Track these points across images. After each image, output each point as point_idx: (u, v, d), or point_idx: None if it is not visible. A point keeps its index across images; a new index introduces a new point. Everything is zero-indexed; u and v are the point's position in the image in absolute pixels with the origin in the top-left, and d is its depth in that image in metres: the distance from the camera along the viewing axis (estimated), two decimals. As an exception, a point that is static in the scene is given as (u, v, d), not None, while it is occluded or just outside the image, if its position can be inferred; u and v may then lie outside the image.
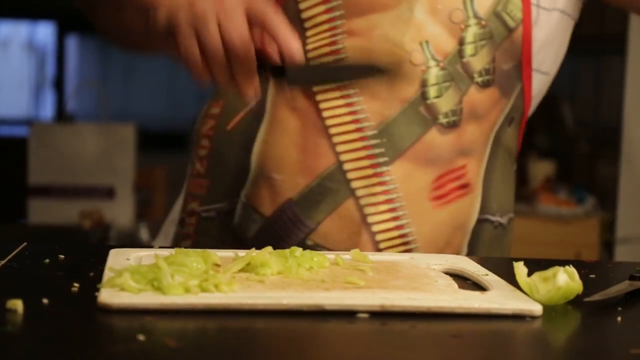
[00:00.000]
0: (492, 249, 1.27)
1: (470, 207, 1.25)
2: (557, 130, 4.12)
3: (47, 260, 1.00)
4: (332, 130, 1.20)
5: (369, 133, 1.19)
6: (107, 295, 0.82)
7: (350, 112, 1.20)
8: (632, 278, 0.96)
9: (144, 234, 3.52)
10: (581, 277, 0.89)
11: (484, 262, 1.03)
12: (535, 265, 1.13)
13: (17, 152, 4.29)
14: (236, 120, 1.24)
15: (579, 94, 4.02)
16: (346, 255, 1.02)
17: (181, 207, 1.30)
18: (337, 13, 1.19)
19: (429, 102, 1.20)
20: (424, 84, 1.20)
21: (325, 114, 1.20)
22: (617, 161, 3.45)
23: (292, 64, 1.03)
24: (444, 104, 1.21)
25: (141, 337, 0.73)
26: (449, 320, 0.83)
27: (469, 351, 0.77)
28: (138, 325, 0.78)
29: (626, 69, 3.41)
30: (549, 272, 0.90)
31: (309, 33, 1.21)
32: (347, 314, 0.82)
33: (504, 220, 1.31)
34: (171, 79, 6.95)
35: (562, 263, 1.19)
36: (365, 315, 0.82)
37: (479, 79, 1.22)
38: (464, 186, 1.24)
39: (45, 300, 0.82)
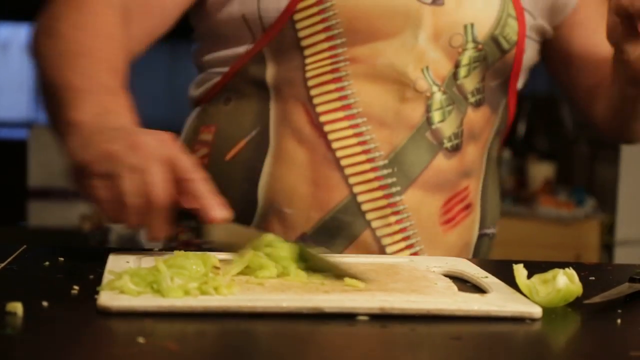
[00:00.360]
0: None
1: (472, 226, 1.26)
2: (557, 132, 4.12)
3: (46, 263, 1.00)
4: (343, 162, 1.18)
5: (380, 163, 1.19)
6: (107, 298, 0.82)
7: (360, 142, 1.18)
8: (631, 280, 0.96)
9: (143, 237, 3.51)
10: (581, 279, 0.89)
11: (484, 265, 1.03)
12: (535, 268, 1.13)
13: (17, 155, 4.30)
14: (235, 151, 1.22)
15: (579, 96, 4.02)
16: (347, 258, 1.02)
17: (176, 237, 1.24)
18: (338, 41, 1.18)
19: (434, 127, 1.20)
20: (428, 109, 1.20)
21: (334, 145, 1.18)
22: (617, 163, 3.45)
23: (212, 225, 0.96)
24: (447, 127, 1.21)
25: (141, 340, 0.73)
26: (449, 322, 0.83)
27: (468, 354, 0.77)
28: (138, 327, 0.78)
29: (626, 71, 3.39)
30: (548, 275, 0.90)
31: (308, 60, 1.19)
32: (347, 317, 0.82)
33: (493, 230, 1.33)
34: (171, 82, 6.95)
35: (562, 265, 1.20)
36: (365, 318, 0.82)
37: (472, 99, 1.23)
38: (468, 207, 1.25)
39: (45, 303, 0.82)
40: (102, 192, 0.95)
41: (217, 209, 0.95)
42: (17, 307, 0.79)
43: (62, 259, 1.02)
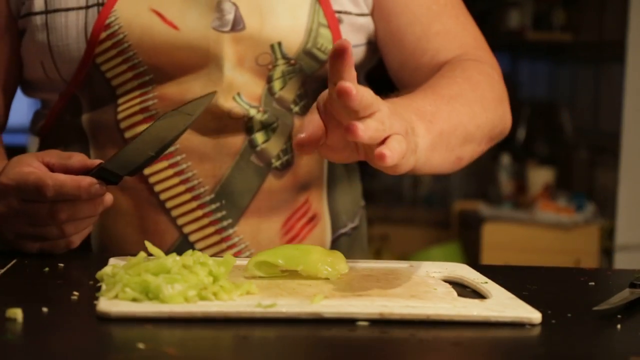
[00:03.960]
0: (351, 252, 1.26)
1: (322, 235, 1.23)
2: (557, 137, 4.12)
3: (46, 269, 1.00)
4: (169, 204, 1.16)
5: (207, 198, 1.17)
6: (107, 304, 0.82)
7: (182, 181, 1.16)
8: (632, 286, 0.96)
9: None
10: (581, 284, 0.89)
11: (484, 270, 1.03)
12: (535, 273, 1.13)
13: (17, 161, 4.28)
14: None
15: (578, 101, 4.02)
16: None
17: None
18: (147, 78, 1.16)
19: (258, 149, 1.18)
20: (249, 133, 1.17)
21: (156, 188, 1.16)
22: (617, 168, 3.45)
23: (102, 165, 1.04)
24: (274, 146, 1.18)
25: (141, 346, 0.73)
26: (449, 328, 0.83)
27: (468, 359, 0.77)
28: (137, 333, 0.78)
29: (625, 76, 3.41)
30: None
31: (120, 100, 1.17)
32: (347, 322, 0.82)
33: (355, 222, 1.29)
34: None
35: (562, 271, 1.20)
36: (365, 324, 0.82)
37: (296, 108, 1.20)
38: (312, 218, 1.22)
39: (44, 309, 0.82)
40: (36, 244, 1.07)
41: (93, 161, 1.05)
42: (17, 313, 0.79)
43: (61, 265, 1.02)
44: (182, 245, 1.16)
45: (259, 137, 1.18)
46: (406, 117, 0.95)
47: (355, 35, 1.22)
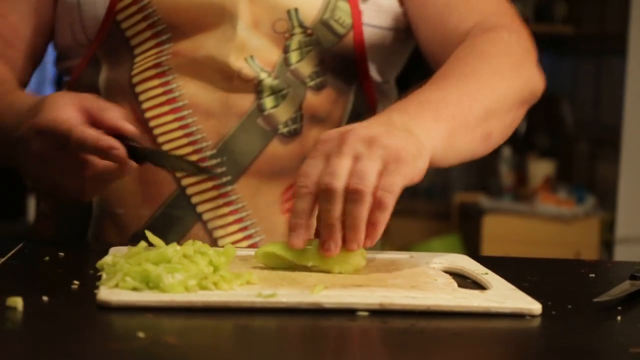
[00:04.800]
0: None
1: None
2: (557, 129, 4.12)
3: (47, 258, 1.00)
4: None
5: (208, 153, 1.17)
6: (107, 293, 0.82)
7: (186, 134, 1.17)
8: (632, 278, 0.96)
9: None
10: (581, 276, 0.89)
11: (484, 261, 1.03)
12: (535, 265, 1.13)
13: (17, 150, 4.29)
14: None
15: (579, 93, 4.02)
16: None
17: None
18: (164, 37, 1.18)
19: (266, 113, 1.18)
20: (259, 96, 1.18)
21: (160, 139, 1.17)
22: (617, 161, 3.45)
23: (129, 136, 1.02)
24: (282, 113, 1.19)
25: (141, 335, 0.73)
26: (449, 319, 0.83)
27: (468, 350, 0.77)
28: (138, 322, 0.78)
29: (626, 68, 3.41)
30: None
31: (137, 59, 1.19)
32: (347, 312, 0.82)
33: None
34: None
35: (562, 263, 1.20)
36: (365, 314, 0.82)
37: (311, 83, 1.20)
38: None
39: (45, 298, 0.82)
40: (58, 169, 1.03)
41: (126, 126, 1.01)
42: (17, 302, 0.79)
43: (62, 254, 1.02)
44: (178, 198, 1.17)
45: (268, 101, 1.18)
46: (398, 123, 0.96)
47: (378, 16, 1.22)
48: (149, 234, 0.93)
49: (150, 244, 0.92)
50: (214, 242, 1.17)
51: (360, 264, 0.95)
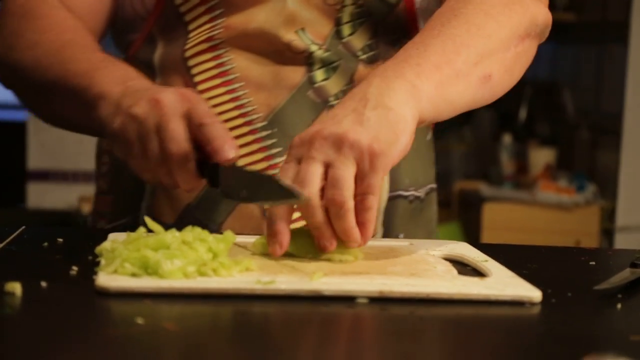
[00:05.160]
0: (411, 223, 1.25)
1: None
2: (558, 117, 4.11)
3: (45, 244, 0.99)
4: None
5: (259, 125, 1.17)
6: (105, 279, 0.82)
7: (237, 107, 1.17)
8: (633, 265, 0.96)
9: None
10: (581, 264, 0.89)
11: (484, 248, 1.03)
12: (535, 253, 1.13)
13: (16, 137, 4.29)
14: None
15: (581, 81, 4.01)
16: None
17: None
18: (217, 11, 1.18)
19: (316, 85, 1.18)
20: (309, 69, 1.18)
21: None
22: (618, 149, 3.44)
23: (225, 164, 0.96)
24: (333, 85, 1.19)
25: (139, 321, 0.73)
26: (448, 306, 0.83)
27: (468, 337, 0.77)
28: (136, 308, 0.77)
29: (628, 56, 3.40)
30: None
31: (191, 34, 1.19)
32: (346, 299, 0.82)
33: (420, 193, 1.27)
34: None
35: (562, 250, 1.19)
36: (365, 301, 0.82)
37: (363, 56, 1.20)
38: None
39: (43, 284, 0.82)
40: (135, 154, 0.98)
41: (226, 150, 0.95)
42: (15, 288, 0.79)
43: (60, 239, 1.01)
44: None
45: (319, 74, 1.18)
46: (373, 99, 0.94)
47: None
48: (148, 220, 0.92)
49: (150, 230, 0.92)
50: (262, 214, 1.17)
51: (361, 252, 0.95)
